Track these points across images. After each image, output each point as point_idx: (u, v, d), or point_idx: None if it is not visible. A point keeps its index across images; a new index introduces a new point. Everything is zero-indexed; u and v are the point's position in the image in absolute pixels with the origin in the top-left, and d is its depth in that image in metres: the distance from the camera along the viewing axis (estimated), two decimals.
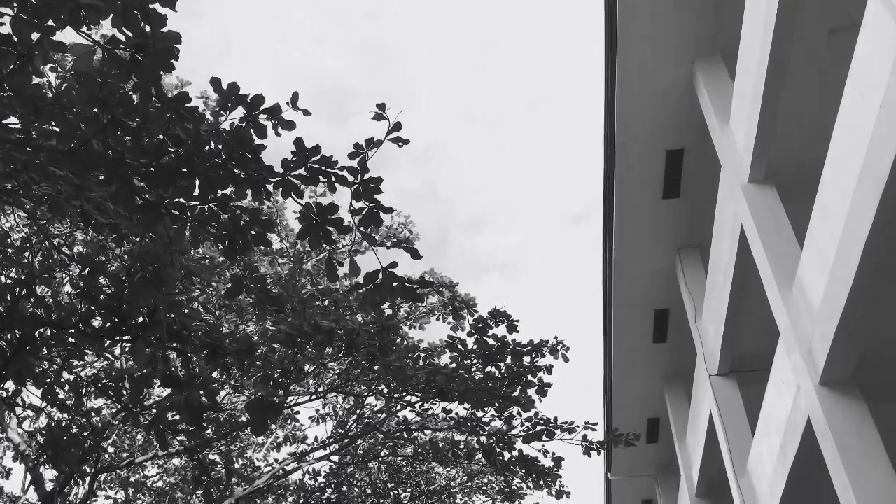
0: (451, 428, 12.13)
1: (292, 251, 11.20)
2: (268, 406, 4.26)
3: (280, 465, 11.97)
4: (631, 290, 12.59)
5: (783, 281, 7.20)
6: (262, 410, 4.25)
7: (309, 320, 6.34)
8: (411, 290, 4.91)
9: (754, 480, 9.14)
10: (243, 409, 10.03)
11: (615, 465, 16.72)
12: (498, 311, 10.29)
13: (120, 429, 12.72)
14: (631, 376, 14.22)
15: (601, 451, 10.71)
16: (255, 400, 4.33)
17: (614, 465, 16.70)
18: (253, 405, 4.30)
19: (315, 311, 6.71)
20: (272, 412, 4.29)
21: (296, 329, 6.25)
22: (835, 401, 6.26)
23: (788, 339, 7.01)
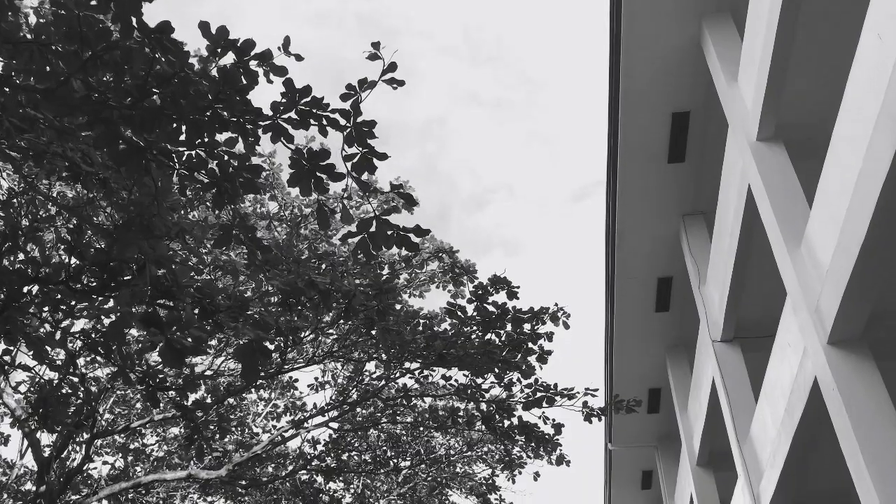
0: (451, 395, 12.02)
1: (289, 215, 11.01)
2: (258, 350, 4.09)
3: (278, 432, 11.87)
4: (634, 258, 12.39)
5: (791, 240, 7.00)
6: (252, 355, 4.07)
7: (303, 276, 6.16)
8: (406, 239, 4.72)
9: (757, 447, 9.00)
10: (233, 355, 9.88)
11: (615, 436, 16.63)
12: (498, 278, 10.12)
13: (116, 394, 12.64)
14: (632, 346, 14.06)
15: (602, 417, 10.60)
16: (244, 344, 4.15)
17: (615, 435, 16.61)
18: (242, 350, 4.12)
19: (309, 268, 6.52)
20: (262, 356, 4.12)
21: (289, 285, 6.06)
22: (843, 360, 6.08)
23: (796, 299, 6.82)
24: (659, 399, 15.70)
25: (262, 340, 4.17)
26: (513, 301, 10.01)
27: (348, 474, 15.51)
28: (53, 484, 10.66)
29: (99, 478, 12.83)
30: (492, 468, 15.64)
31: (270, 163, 10.60)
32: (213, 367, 11.84)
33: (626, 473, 18.14)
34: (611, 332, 13.78)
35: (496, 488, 15.84)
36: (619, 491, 18.74)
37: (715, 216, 10.26)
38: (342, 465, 14.90)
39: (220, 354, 12.06)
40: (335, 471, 14.84)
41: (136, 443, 13.80)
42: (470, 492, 16.24)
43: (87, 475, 12.51)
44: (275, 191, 10.76)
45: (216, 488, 14.31)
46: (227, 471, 11.07)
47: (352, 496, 16.67)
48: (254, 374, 4.17)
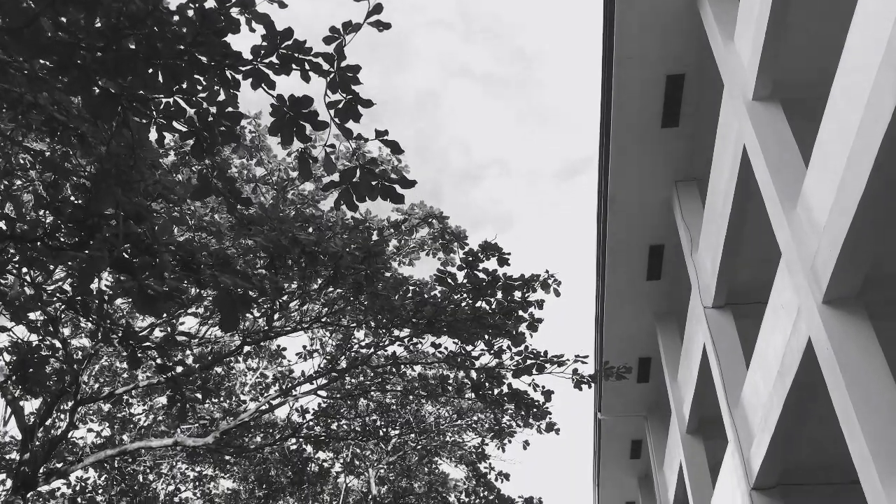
0: (441, 362, 11.92)
1: (276, 179, 10.80)
2: (237, 299, 3.93)
3: (266, 400, 11.77)
4: (626, 225, 12.26)
5: (787, 199, 6.87)
6: (230, 303, 3.92)
7: (286, 233, 6.00)
8: (392, 190, 4.54)
9: (748, 412, 8.94)
10: (212, 305, 9.70)
11: (605, 405, 16.62)
12: (489, 244, 9.98)
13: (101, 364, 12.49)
14: (623, 314, 13.99)
15: (591, 384, 10.54)
16: (222, 292, 3.99)
17: (604, 405, 16.60)
18: (221, 298, 3.96)
19: (294, 226, 6.35)
20: (242, 305, 3.96)
21: (272, 242, 5.92)
22: (838, 320, 5.98)
23: (791, 260, 6.71)
24: (649, 368, 15.68)
25: (242, 288, 4.01)
26: (503, 268, 9.89)
27: (338, 443, 15.47)
28: (37, 451, 10.54)
29: (84, 445, 12.71)
30: (481, 437, 15.64)
31: (256, 124, 10.36)
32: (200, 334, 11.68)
33: (615, 443, 18.18)
34: (601, 301, 13.69)
35: (486, 457, 15.86)
36: (609, 460, 18.80)
37: (708, 182, 10.13)
38: (331, 434, 14.84)
39: (207, 322, 11.90)
40: (324, 440, 14.79)
41: (122, 412, 13.68)
42: (460, 460, 16.27)
43: (71, 443, 12.38)
44: (261, 154, 10.53)
45: (204, 456, 14.24)
46: (215, 438, 10.96)
47: (341, 465, 16.66)
48: (233, 323, 4.01)
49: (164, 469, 14.90)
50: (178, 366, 6.10)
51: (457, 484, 17.04)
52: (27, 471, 10.27)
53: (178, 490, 16.04)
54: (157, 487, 15.57)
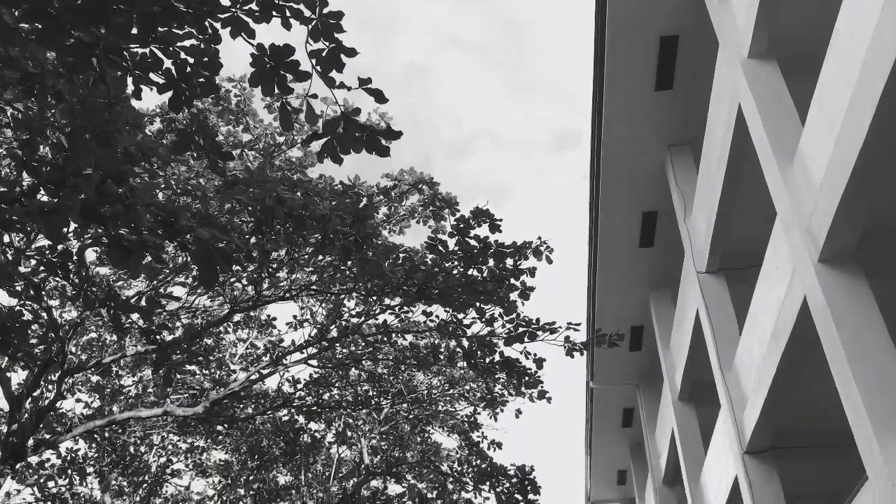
0: (432, 330, 11.83)
1: (262, 145, 10.59)
2: (216, 253, 3.78)
3: (256, 369, 11.66)
4: (619, 191, 12.12)
5: (783, 157, 6.74)
6: (209, 258, 3.77)
7: (270, 192, 5.84)
8: (376, 141, 4.39)
9: (741, 375, 8.90)
10: (191, 262, 9.53)
11: (597, 374, 16.61)
12: (480, 210, 9.84)
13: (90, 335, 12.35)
14: (616, 282, 13.90)
15: (583, 351, 10.47)
16: (201, 247, 3.84)
17: (596, 373, 16.59)
18: (199, 253, 3.81)
19: (278, 185, 6.19)
20: (222, 260, 3.82)
21: (256, 200, 5.76)
22: (834, 278, 5.89)
23: (786, 219, 6.60)
24: (641, 337, 15.64)
25: (221, 242, 3.86)
26: (495, 235, 9.76)
27: (329, 414, 15.41)
28: (25, 422, 10.43)
29: (73, 416, 12.61)
30: (474, 406, 15.60)
31: (241, 88, 10.13)
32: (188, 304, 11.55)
33: (607, 412, 18.21)
34: (594, 269, 13.60)
35: (478, 426, 15.83)
36: (600, 429, 18.84)
37: (702, 146, 9.99)
38: (323, 403, 14.77)
39: (195, 292, 11.76)
40: (316, 410, 14.73)
41: (112, 384, 13.57)
42: (452, 430, 16.24)
43: (60, 413, 12.28)
44: (247, 119, 10.31)
45: (195, 428, 14.18)
46: (205, 408, 10.87)
47: (334, 436, 16.63)
48: (212, 279, 3.87)
49: (155, 440, 14.84)
50: (162, 329, 5.97)
51: (449, 453, 17.04)
52: (15, 441, 10.17)
53: (171, 461, 16.01)
54: (149, 459, 15.53)
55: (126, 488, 15.47)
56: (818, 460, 9.62)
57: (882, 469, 5.11)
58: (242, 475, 16.38)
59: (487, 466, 15.05)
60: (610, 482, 21.39)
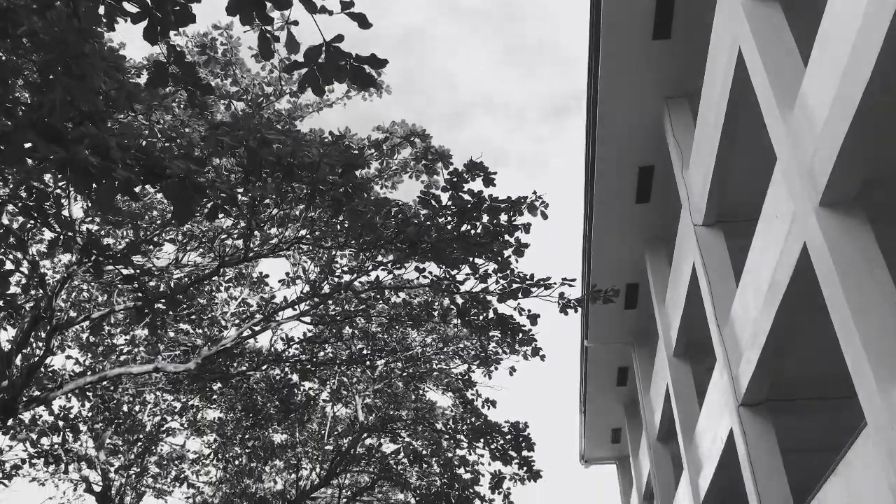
0: (425, 286, 11.69)
1: (251, 96, 10.33)
2: (191, 186, 3.60)
3: (248, 326, 11.54)
4: (615, 145, 11.91)
5: (784, 101, 6.54)
6: (183, 192, 3.59)
7: (254, 133, 5.63)
8: (360, 70, 4.18)
9: (737, 329, 8.80)
10: (163, 196, 9.35)
11: (592, 333, 16.56)
12: (474, 163, 9.63)
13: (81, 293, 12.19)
14: (611, 239, 13.76)
15: (578, 308, 10.35)
16: (175, 181, 3.65)
17: (591, 332, 16.54)
18: (173, 188, 3.63)
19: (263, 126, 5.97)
20: (197, 193, 3.63)
21: (238, 141, 5.55)
22: (836, 223, 5.73)
23: (787, 164, 6.42)
24: (637, 295, 15.55)
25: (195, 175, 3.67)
26: (489, 189, 9.57)
27: (323, 371, 15.35)
28: (16, 379, 10.33)
29: (64, 372, 12.52)
30: (468, 364, 15.54)
31: (228, 36, 9.83)
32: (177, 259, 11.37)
33: (601, 370, 18.21)
34: (589, 225, 13.44)
35: (472, 384, 15.80)
36: (595, 387, 18.87)
37: (700, 99, 9.76)
38: (317, 362, 14.69)
39: (185, 248, 11.59)
40: (310, 369, 14.66)
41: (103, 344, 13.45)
42: (447, 388, 16.22)
43: (51, 370, 12.18)
44: (234, 69, 10.03)
45: (188, 385, 14.11)
46: (196, 364, 10.76)
47: (328, 394, 16.60)
48: (186, 214, 3.69)
49: (148, 398, 14.77)
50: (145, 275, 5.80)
51: (444, 412, 17.05)
52: (6, 398, 10.07)
53: (165, 420, 15.98)
54: (143, 418, 15.49)
55: (121, 447, 15.46)
56: (814, 413, 9.59)
57: (882, 414, 5.01)
58: (238, 434, 16.38)
59: (482, 424, 15.06)
60: (604, 441, 21.52)
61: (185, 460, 17.02)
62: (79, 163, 3.29)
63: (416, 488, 15.39)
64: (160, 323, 5.79)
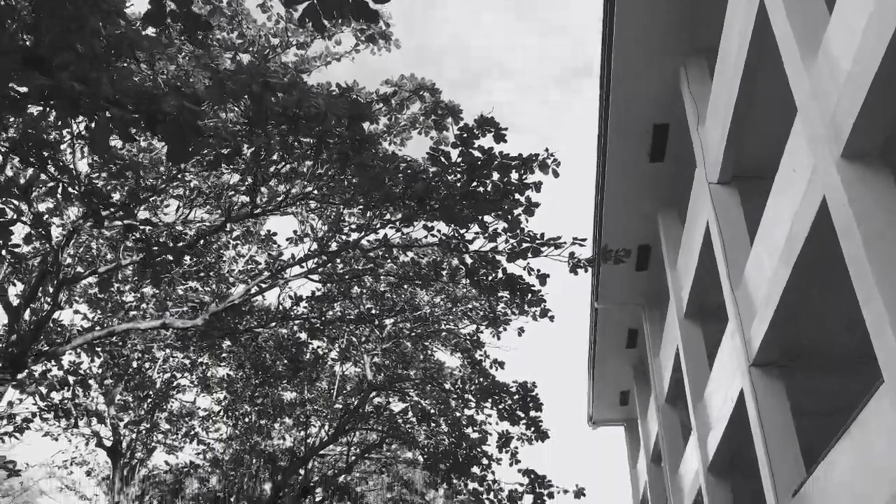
0: (434, 245, 11.56)
1: (257, 48, 10.10)
2: (186, 126, 3.46)
3: (255, 283, 11.47)
4: (630, 102, 11.62)
5: (807, 49, 6.28)
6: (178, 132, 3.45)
7: (257, 78, 5.46)
8: (364, 6, 3.99)
9: (751, 289, 8.63)
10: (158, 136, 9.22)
11: (602, 295, 16.43)
12: (485, 119, 9.40)
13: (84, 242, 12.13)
14: (624, 199, 13.53)
15: (588, 268, 10.21)
16: (170, 121, 3.51)
17: (601, 294, 16.41)
18: (167, 127, 3.49)
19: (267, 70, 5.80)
20: (192, 133, 3.49)
21: (241, 86, 5.38)
22: (857, 175, 5.53)
23: (808, 114, 6.19)
24: (648, 256, 15.37)
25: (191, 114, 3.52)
26: (500, 145, 9.37)
27: (332, 330, 15.33)
28: (24, 333, 10.33)
29: (72, 327, 12.54)
30: (476, 325, 15.46)
31: None
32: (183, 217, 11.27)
33: (611, 332, 18.12)
34: (602, 185, 13.21)
35: (481, 345, 15.74)
36: (604, 350, 18.81)
37: (717, 54, 9.47)
38: (326, 322, 14.66)
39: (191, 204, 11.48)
40: (318, 327, 14.63)
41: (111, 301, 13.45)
42: (455, 348, 16.18)
43: (60, 325, 12.19)
44: (240, 19, 9.79)
45: (196, 343, 14.12)
46: (204, 320, 10.73)
47: (337, 353, 16.61)
48: (181, 154, 3.55)
49: (157, 354, 14.82)
50: (147, 225, 5.69)
51: (452, 372, 17.04)
52: (15, 352, 10.09)
53: (175, 377, 16.07)
54: (154, 375, 15.57)
55: (131, 403, 15.58)
56: (827, 376, 9.45)
57: None
58: (247, 391, 16.46)
59: (490, 384, 15.03)
60: (612, 403, 21.53)
61: (196, 417, 17.16)
62: (64, 91, 3.15)
63: (424, 446, 15.44)
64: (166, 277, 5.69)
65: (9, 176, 6.70)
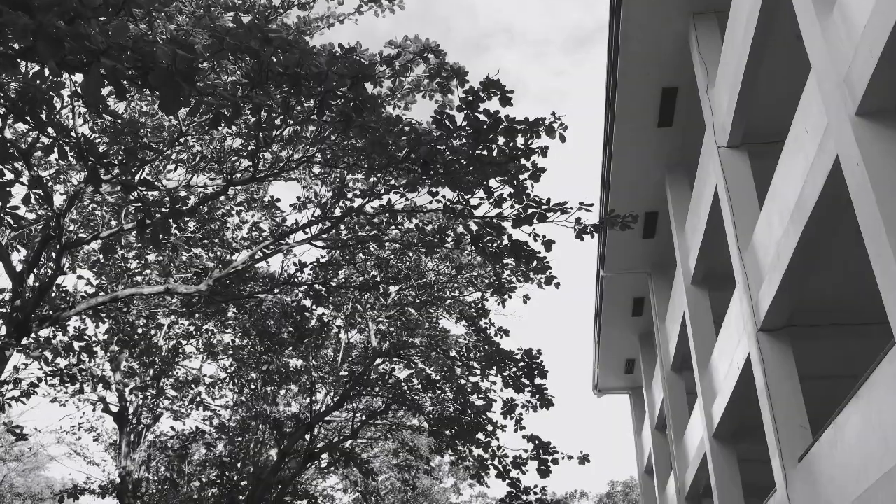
0: (438, 211, 11.45)
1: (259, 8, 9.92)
2: (179, 75, 3.34)
3: (259, 248, 11.40)
4: (638, 64, 11.40)
5: (822, 5, 6.10)
6: (170, 80, 3.33)
7: (256, 34, 5.32)
8: None
9: (759, 253, 8.52)
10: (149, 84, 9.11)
11: (608, 263, 16.33)
12: (491, 81, 9.22)
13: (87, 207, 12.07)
14: (631, 164, 13.37)
15: (594, 233, 10.10)
16: (161, 68, 3.39)
17: (607, 262, 16.30)
18: (159, 75, 3.37)
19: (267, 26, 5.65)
20: (185, 81, 3.38)
21: (240, 40, 5.25)
22: (872, 132, 5.38)
23: (823, 72, 6.03)
24: (655, 224, 15.24)
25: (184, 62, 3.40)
26: (506, 108, 9.21)
27: (337, 298, 15.30)
28: (28, 298, 10.32)
29: (76, 293, 12.53)
30: (481, 292, 15.40)
31: None
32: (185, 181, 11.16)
33: (617, 301, 18.05)
34: (609, 150, 13.04)
35: (486, 312, 15.69)
36: (610, 318, 18.76)
37: (728, 15, 9.25)
38: (331, 289, 14.62)
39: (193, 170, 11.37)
40: (324, 295, 14.60)
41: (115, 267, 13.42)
42: (460, 316, 16.14)
43: (64, 290, 12.18)
44: None
45: (201, 309, 14.11)
46: (208, 286, 10.68)
47: (342, 320, 16.60)
48: (173, 103, 3.44)
49: (162, 321, 14.82)
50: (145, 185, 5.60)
51: (457, 340, 17.02)
52: (19, 317, 10.09)
53: (180, 344, 16.10)
54: (159, 341, 15.59)
55: (137, 370, 15.63)
56: (835, 340, 9.37)
57: None
58: (252, 359, 16.49)
59: (494, 351, 15.00)
60: (617, 371, 21.54)
61: (202, 383, 17.22)
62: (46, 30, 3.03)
63: (430, 413, 15.47)
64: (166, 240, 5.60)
65: (9, 139, 6.59)
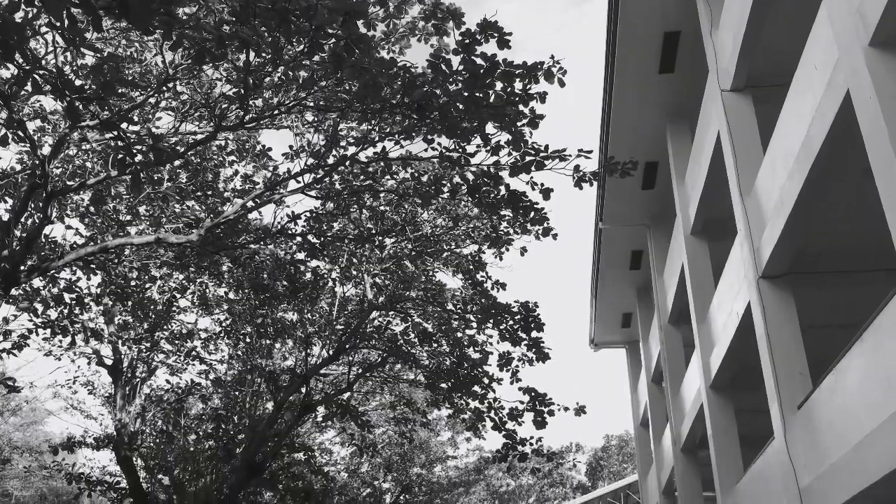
0: (434, 159, 11.20)
1: None
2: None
3: (251, 197, 11.17)
4: (640, 7, 11.03)
5: None
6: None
7: None
8: None
9: (762, 198, 8.31)
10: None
11: (607, 215, 16.11)
12: (488, 23, 8.90)
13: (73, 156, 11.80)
14: (632, 112, 13.06)
15: (594, 181, 9.89)
16: None
17: (606, 214, 16.09)
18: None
19: None
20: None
21: None
22: (887, 64, 5.13)
23: (834, 3, 5.74)
24: (655, 175, 14.99)
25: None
26: (504, 52, 8.91)
27: (331, 250, 15.11)
28: (15, 248, 10.12)
29: (65, 243, 12.33)
30: (478, 245, 15.21)
31: None
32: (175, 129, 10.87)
33: (615, 254, 17.89)
34: (609, 97, 12.72)
35: (483, 265, 15.52)
36: (607, 271, 18.63)
37: None
38: (325, 242, 14.43)
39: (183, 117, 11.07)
40: (318, 248, 14.41)
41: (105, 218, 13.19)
42: (457, 269, 15.97)
43: (53, 241, 11.98)
44: None
45: (194, 261, 13.93)
46: (199, 236, 10.48)
47: (338, 273, 16.44)
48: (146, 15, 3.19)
49: (152, 272, 14.63)
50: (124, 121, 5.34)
51: (454, 293, 16.89)
52: (7, 267, 9.90)
53: (175, 298, 15.95)
54: (154, 295, 15.44)
55: (131, 323, 15.50)
56: (837, 287, 9.23)
57: None
58: (247, 313, 16.37)
59: (491, 305, 14.87)
60: (614, 325, 21.50)
61: (197, 337, 17.12)
62: None
63: (426, 366, 15.41)
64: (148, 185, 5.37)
65: None
